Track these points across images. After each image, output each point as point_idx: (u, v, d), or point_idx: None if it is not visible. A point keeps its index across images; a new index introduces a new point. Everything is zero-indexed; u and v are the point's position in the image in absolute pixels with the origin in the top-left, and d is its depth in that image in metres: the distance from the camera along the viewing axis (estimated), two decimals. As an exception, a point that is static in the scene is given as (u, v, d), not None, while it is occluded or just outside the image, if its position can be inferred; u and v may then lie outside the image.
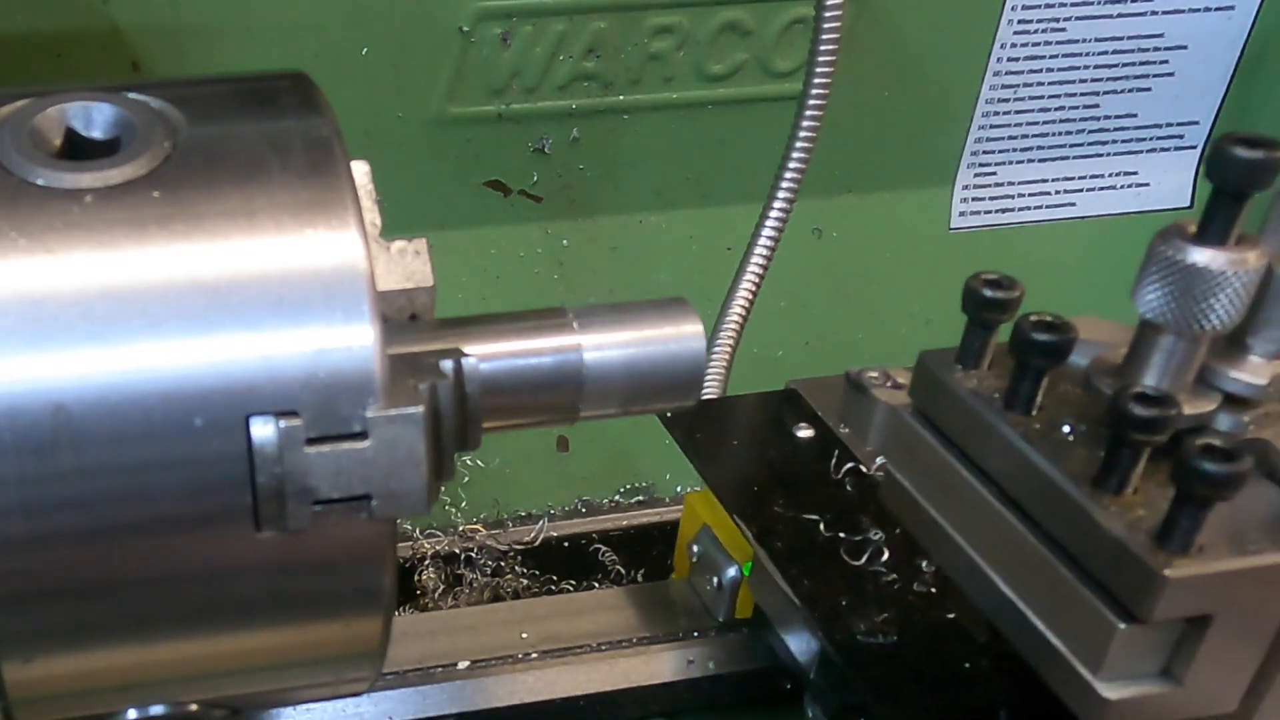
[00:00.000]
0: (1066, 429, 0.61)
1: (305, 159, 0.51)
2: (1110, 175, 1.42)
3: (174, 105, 0.53)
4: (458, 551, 1.21)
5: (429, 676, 0.90)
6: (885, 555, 0.83)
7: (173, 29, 1.09)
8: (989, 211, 1.41)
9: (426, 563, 1.20)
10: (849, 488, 0.88)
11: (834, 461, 0.91)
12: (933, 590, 0.79)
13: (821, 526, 0.85)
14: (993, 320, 0.63)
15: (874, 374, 0.70)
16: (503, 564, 1.22)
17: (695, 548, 0.97)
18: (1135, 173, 1.43)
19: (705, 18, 1.21)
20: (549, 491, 1.30)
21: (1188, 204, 1.45)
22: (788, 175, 1.10)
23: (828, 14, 1.04)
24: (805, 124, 1.08)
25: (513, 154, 1.24)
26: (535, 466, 1.31)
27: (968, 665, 0.74)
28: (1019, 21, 1.31)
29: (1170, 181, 1.44)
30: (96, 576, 0.49)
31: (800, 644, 0.85)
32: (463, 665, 0.91)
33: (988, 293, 0.62)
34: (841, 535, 0.84)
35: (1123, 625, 0.55)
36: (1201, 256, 0.56)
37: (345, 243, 0.50)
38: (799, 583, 0.81)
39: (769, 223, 1.11)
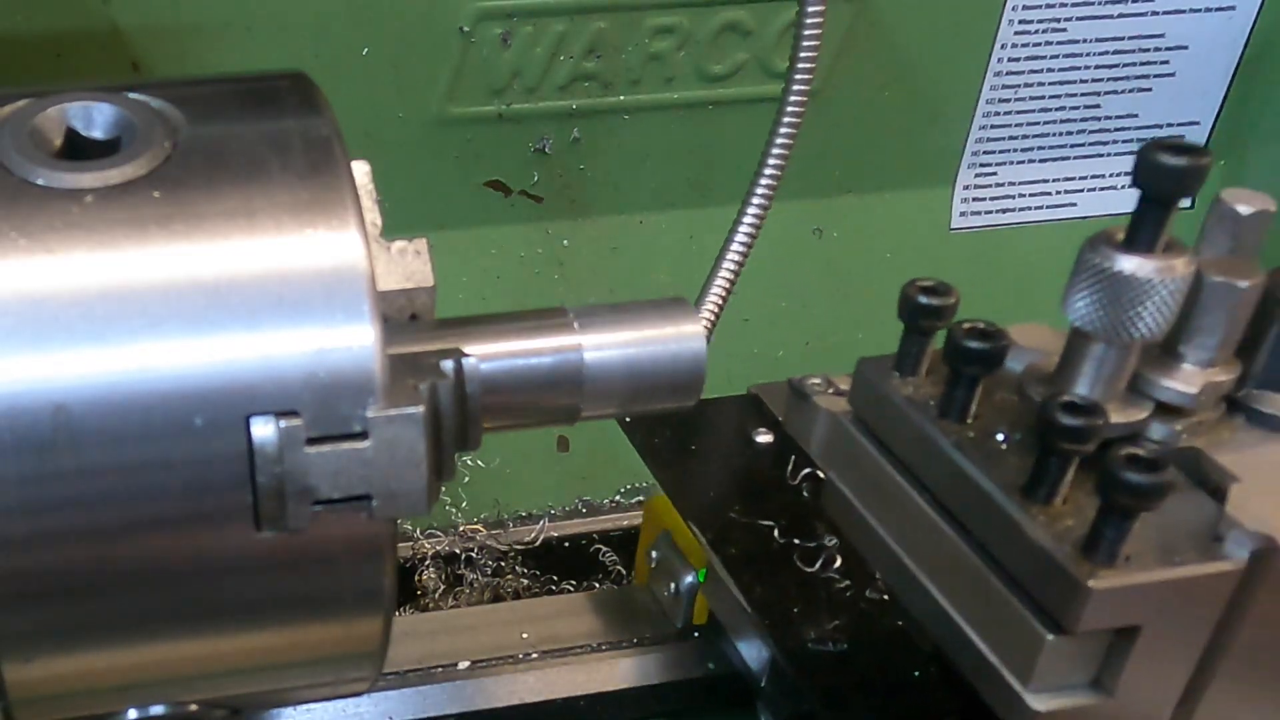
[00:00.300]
0: (1000, 437, 0.60)
1: (305, 159, 0.51)
2: (1111, 175, 1.42)
3: (174, 105, 0.53)
4: (458, 551, 1.21)
5: (429, 676, 0.90)
6: (838, 562, 0.82)
7: (173, 29, 1.09)
8: (990, 212, 1.41)
9: (427, 563, 1.20)
10: (805, 494, 0.87)
11: (791, 467, 0.90)
12: (885, 597, 0.78)
13: (776, 533, 0.84)
14: (928, 327, 0.63)
15: (816, 381, 0.70)
16: (503, 564, 1.21)
17: (654, 553, 0.96)
18: (1136, 173, 1.43)
19: (705, 18, 1.21)
20: (549, 491, 1.30)
21: (1189, 204, 1.45)
22: (764, 180, 1.09)
23: (809, 16, 1.04)
24: (783, 129, 1.07)
25: (513, 154, 1.24)
26: (535, 466, 1.31)
27: (917, 674, 0.74)
28: (1019, 22, 1.31)
29: (1171, 181, 1.44)
30: (96, 576, 0.49)
31: (752, 651, 0.85)
32: (463, 665, 0.91)
33: (922, 299, 0.62)
34: (796, 541, 0.83)
35: (1050, 636, 0.55)
36: (1129, 264, 0.56)
37: (345, 243, 0.50)
38: (751, 589, 0.80)
39: (742, 228, 1.10)
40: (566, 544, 1.24)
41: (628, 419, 0.91)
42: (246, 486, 0.49)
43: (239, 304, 0.48)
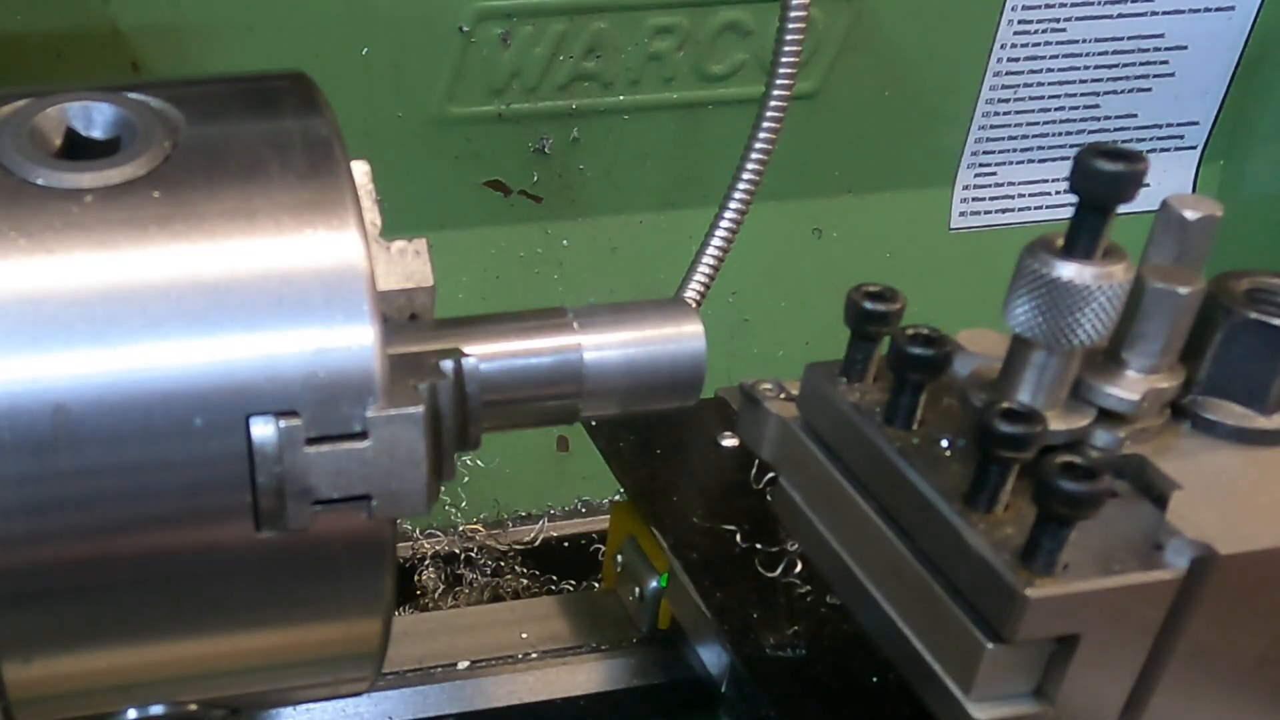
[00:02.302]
0: (944, 444, 0.59)
1: (305, 159, 0.51)
2: (1110, 175, 1.42)
3: (174, 105, 0.53)
4: (457, 551, 1.21)
5: (429, 676, 0.89)
6: (799, 567, 0.82)
7: (173, 29, 1.09)
8: (989, 212, 1.41)
9: (426, 563, 1.20)
10: (769, 498, 0.86)
11: (755, 471, 0.89)
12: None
13: (738, 537, 0.84)
14: (874, 333, 0.62)
15: (767, 385, 0.69)
16: (502, 564, 1.21)
17: (619, 558, 0.95)
18: (1135, 173, 1.43)
19: (705, 18, 1.21)
20: (549, 491, 1.30)
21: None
22: (744, 180, 1.09)
23: (793, 15, 1.04)
24: (763, 130, 1.07)
25: (513, 154, 1.24)
26: (535, 466, 1.31)
27: (875, 680, 0.73)
28: (1019, 22, 1.31)
29: (1170, 182, 1.44)
30: (97, 576, 0.49)
31: (713, 656, 0.84)
32: (462, 665, 0.90)
33: (868, 305, 0.61)
34: (758, 546, 0.83)
35: (990, 645, 0.54)
36: (1067, 270, 0.55)
37: (345, 243, 0.50)
38: (711, 594, 0.80)
39: (721, 227, 1.09)
40: (566, 544, 1.24)
41: (593, 422, 0.91)
42: (246, 486, 0.49)
43: (238, 304, 0.48)
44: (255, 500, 0.49)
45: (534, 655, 0.92)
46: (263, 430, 0.48)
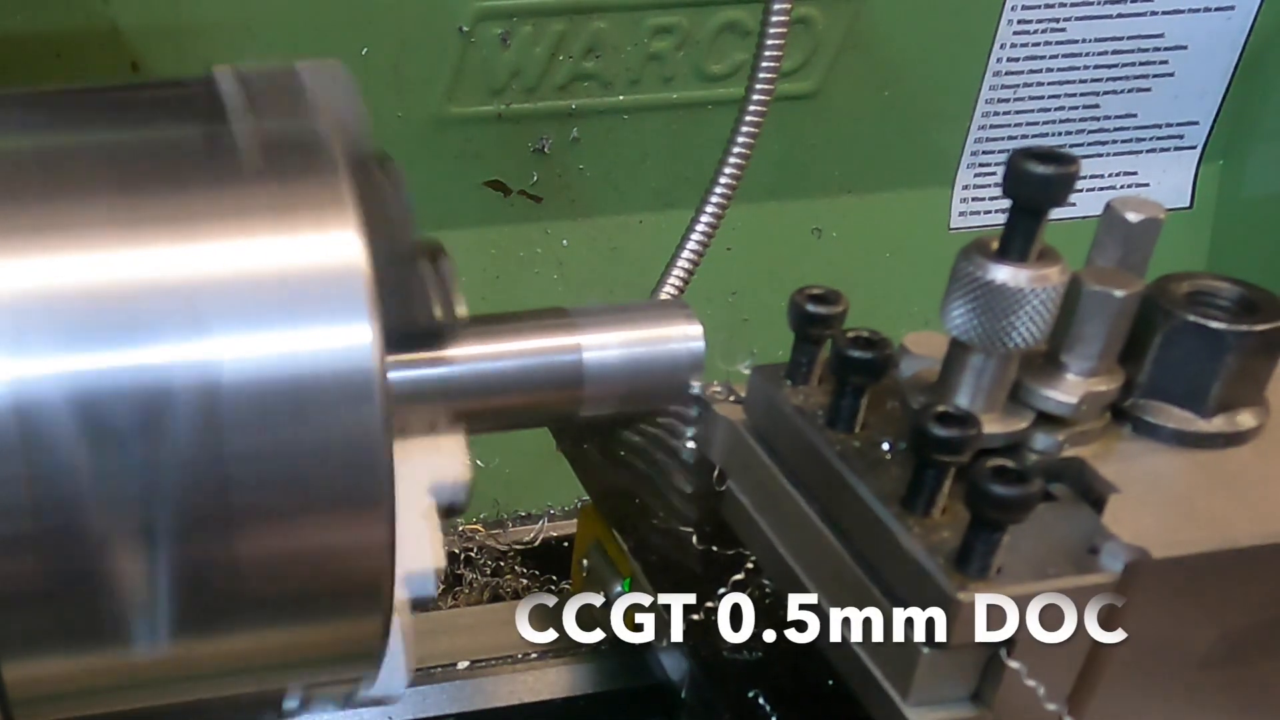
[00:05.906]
0: (886, 447, 0.59)
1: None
2: (1110, 175, 1.42)
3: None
4: (457, 551, 1.21)
5: (429, 676, 0.89)
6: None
7: (173, 29, 1.09)
8: (989, 212, 1.41)
9: (426, 562, 1.19)
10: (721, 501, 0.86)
11: (716, 473, 0.89)
12: None
13: (694, 540, 0.84)
14: (817, 335, 0.62)
15: (717, 388, 0.69)
16: (502, 564, 1.21)
17: (585, 562, 0.95)
18: (1135, 173, 1.43)
19: (705, 18, 1.21)
20: (549, 491, 1.30)
21: (1187, 204, 1.45)
22: (721, 182, 1.08)
23: (774, 18, 1.03)
24: (744, 130, 1.07)
25: (513, 154, 1.24)
26: (535, 466, 1.31)
27: (831, 682, 0.73)
28: (1019, 22, 1.31)
29: (1170, 182, 1.44)
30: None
31: (673, 661, 0.83)
32: (462, 665, 0.90)
33: (810, 308, 0.61)
34: (714, 549, 0.83)
35: (926, 650, 0.54)
36: (1001, 274, 0.56)
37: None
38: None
39: (697, 230, 1.09)
40: (566, 544, 1.24)
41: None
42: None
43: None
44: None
45: (534, 655, 0.92)
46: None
